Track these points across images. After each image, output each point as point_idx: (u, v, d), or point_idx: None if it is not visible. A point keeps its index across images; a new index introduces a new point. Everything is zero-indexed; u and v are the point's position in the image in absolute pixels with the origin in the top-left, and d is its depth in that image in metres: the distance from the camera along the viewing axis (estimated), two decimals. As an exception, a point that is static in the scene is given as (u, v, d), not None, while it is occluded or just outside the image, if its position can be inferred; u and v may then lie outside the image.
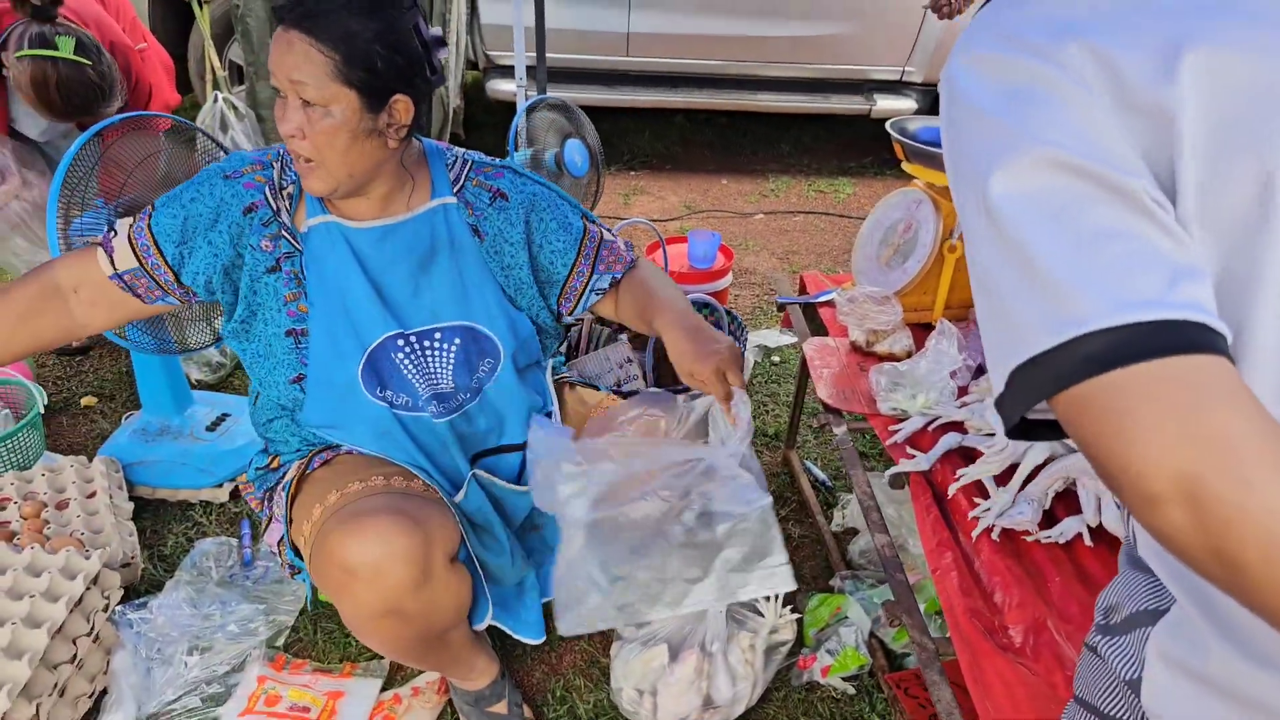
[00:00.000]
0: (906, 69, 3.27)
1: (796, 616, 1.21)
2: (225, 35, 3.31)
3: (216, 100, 2.84)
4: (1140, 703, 0.50)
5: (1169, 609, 0.49)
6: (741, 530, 0.89)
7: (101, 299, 1.03)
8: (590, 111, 2.36)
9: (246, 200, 1.01)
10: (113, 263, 1.01)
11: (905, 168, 1.34)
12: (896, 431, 1.13)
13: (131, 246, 1.00)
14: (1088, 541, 0.93)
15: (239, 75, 3.42)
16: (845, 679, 1.23)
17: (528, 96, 2.30)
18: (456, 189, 1.08)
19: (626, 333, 1.63)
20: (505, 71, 3.29)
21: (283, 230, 1.02)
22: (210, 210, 1.00)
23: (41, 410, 1.65)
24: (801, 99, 3.33)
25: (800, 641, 1.29)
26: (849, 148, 3.87)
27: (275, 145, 1.06)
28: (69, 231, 1.41)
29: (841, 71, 3.30)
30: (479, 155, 1.13)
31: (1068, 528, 0.94)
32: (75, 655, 1.19)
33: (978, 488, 1.01)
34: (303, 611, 1.38)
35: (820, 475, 1.73)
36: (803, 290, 1.59)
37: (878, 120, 3.38)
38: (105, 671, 1.24)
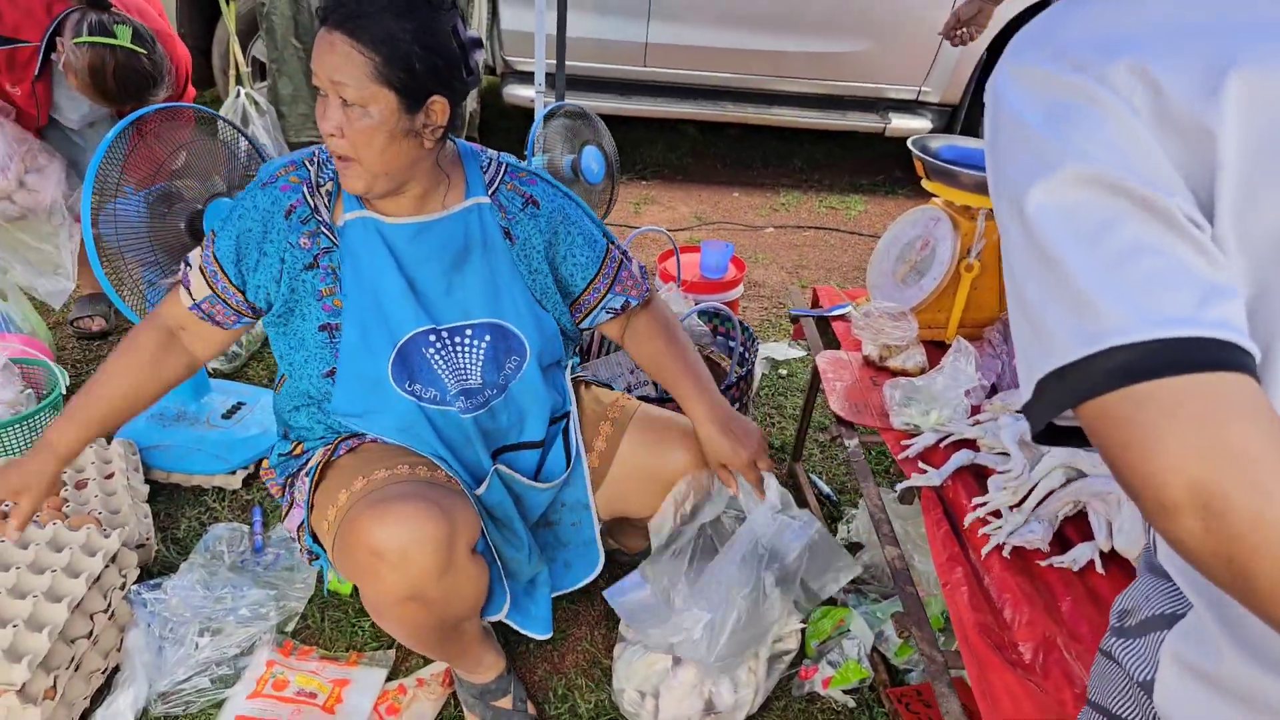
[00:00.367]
0: (923, 89, 3.28)
1: (801, 626, 1.22)
2: (250, 32, 3.34)
3: (239, 95, 2.86)
4: (1152, 704, 0.50)
5: (1185, 614, 0.50)
6: (808, 554, 1.05)
7: (195, 331, 1.08)
8: (605, 120, 2.39)
9: (285, 203, 1.02)
10: (190, 294, 1.05)
11: (925, 185, 1.35)
12: (909, 446, 1.14)
13: (203, 275, 1.04)
14: (1099, 569, 0.94)
15: (262, 71, 3.46)
16: (846, 691, 1.23)
17: (546, 103, 2.33)
18: (491, 190, 1.10)
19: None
20: (522, 77, 3.31)
21: (321, 226, 1.03)
22: (258, 224, 1.01)
23: (64, 391, 1.67)
24: (816, 115, 3.34)
25: (803, 652, 1.30)
26: (861, 165, 3.89)
27: (309, 147, 1.08)
28: (100, 216, 1.44)
29: (857, 89, 3.32)
30: (512, 159, 1.15)
31: (1080, 554, 0.94)
32: (92, 631, 1.20)
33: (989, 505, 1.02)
34: (312, 599, 1.39)
35: (825, 489, 1.73)
36: (815, 303, 1.61)
37: (891, 139, 3.40)
38: (119, 649, 1.26)
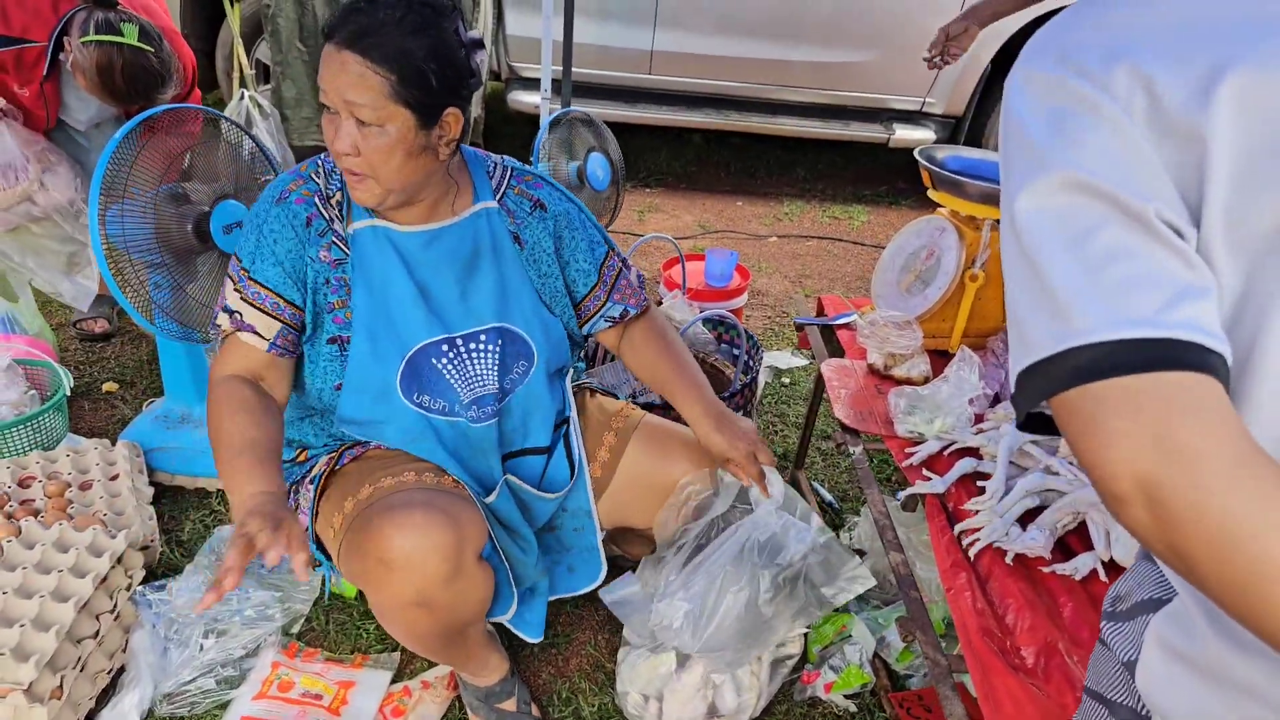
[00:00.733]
0: (927, 100, 3.31)
1: (804, 631, 1.23)
2: (254, 34, 3.37)
3: (243, 98, 2.88)
4: (1135, 683, 0.52)
5: (1171, 599, 0.52)
6: (815, 557, 1.04)
7: (278, 372, 1.03)
8: (610, 127, 2.41)
9: (303, 215, 1.01)
10: (261, 335, 1.00)
11: (931, 195, 1.37)
12: (913, 454, 1.16)
13: (266, 313, 1.00)
14: (1103, 577, 0.95)
15: (265, 74, 3.48)
16: (848, 696, 1.24)
17: (551, 110, 2.35)
18: (498, 195, 1.11)
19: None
20: (528, 83, 3.34)
21: (334, 238, 1.02)
22: (292, 240, 1.00)
23: (68, 393, 1.67)
24: (821, 125, 3.36)
25: (805, 657, 1.31)
26: (865, 175, 3.92)
27: (310, 159, 1.06)
28: (107, 217, 1.45)
29: (861, 99, 3.35)
30: (516, 163, 1.15)
31: (1083, 563, 0.95)
32: (98, 631, 1.20)
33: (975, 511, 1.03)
34: (316, 602, 1.40)
35: (828, 497, 1.74)
36: (820, 312, 1.62)
37: (895, 149, 3.43)
38: (124, 649, 1.26)
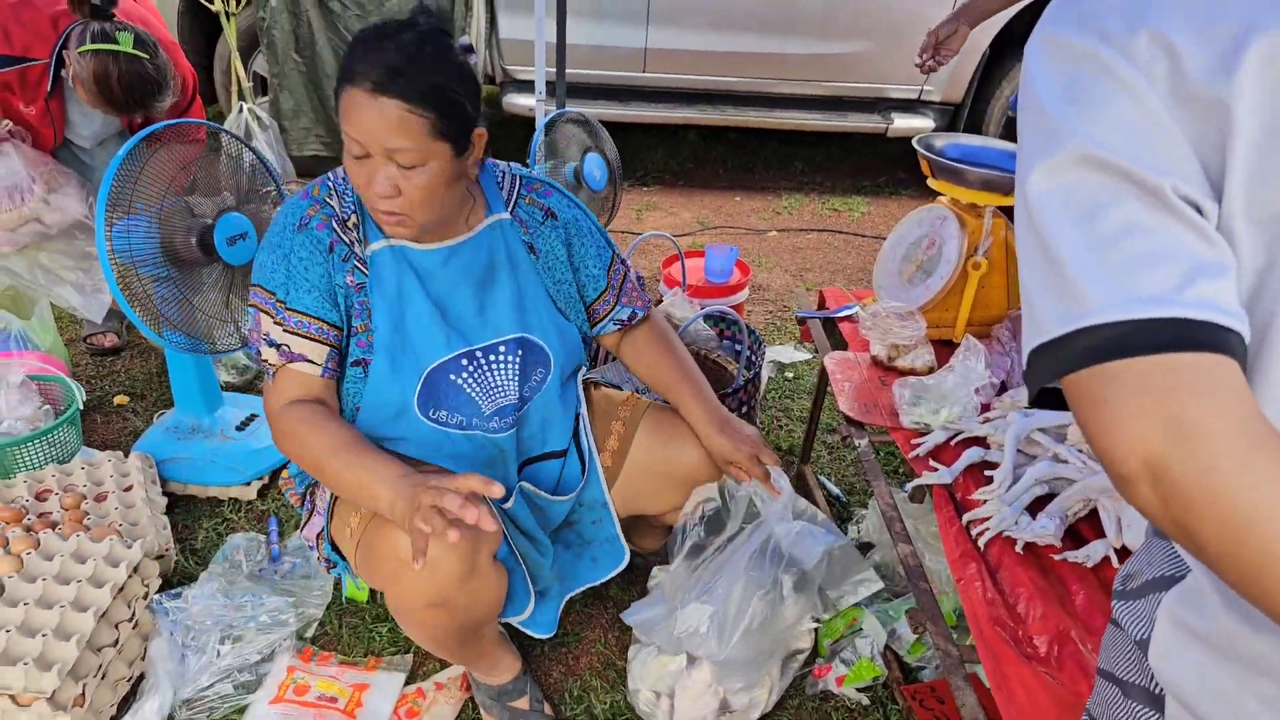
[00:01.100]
0: (925, 88, 3.29)
1: (814, 626, 1.23)
2: (251, 47, 3.39)
3: (241, 111, 2.91)
4: (1148, 662, 0.52)
5: (1184, 576, 0.51)
6: (828, 561, 1.07)
7: (330, 396, 1.03)
8: (605, 127, 2.41)
9: (325, 240, 1.00)
10: (314, 363, 1.00)
11: (931, 184, 1.37)
12: (919, 445, 1.15)
13: (312, 339, 0.99)
14: (1115, 564, 0.94)
15: (263, 86, 3.50)
16: (860, 689, 1.24)
17: (547, 111, 2.35)
18: (510, 206, 1.11)
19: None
20: (522, 86, 3.34)
21: (356, 261, 1.02)
22: (322, 265, 0.99)
23: (80, 407, 1.69)
24: (818, 116, 3.35)
25: (816, 651, 1.31)
26: (864, 167, 3.91)
27: (317, 181, 1.05)
28: (113, 232, 1.46)
29: (859, 90, 3.34)
30: (523, 169, 1.15)
31: (1094, 551, 0.94)
32: (117, 640, 1.22)
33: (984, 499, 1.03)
34: (329, 606, 1.41)
35: (834, 490, 1.74)
36: (822, 305, 1.62)
37: (894, 139, 3.41)
38: (143, 657, 1.27)
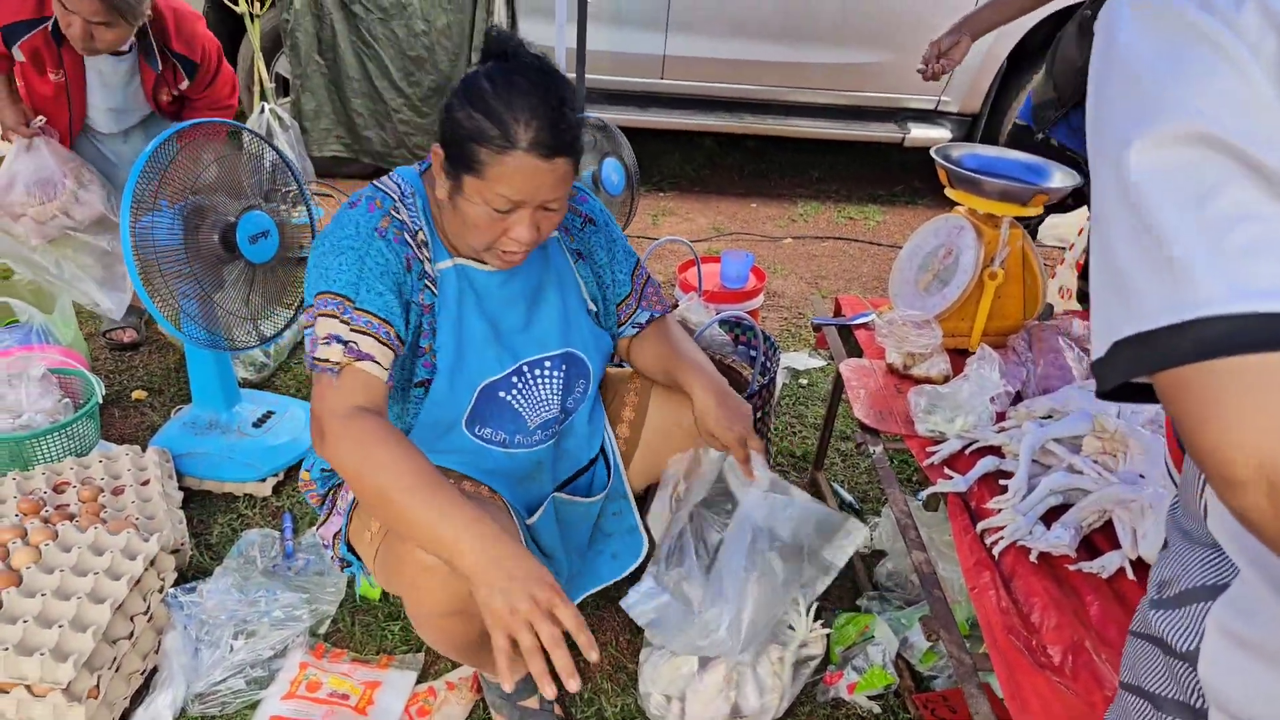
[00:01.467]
0: (942, 99, 3.31)
1: (826, 631, 1.24)
2: (274, 48, 3.46)
3: (263, 111, 2.96)
4: (1195, 675, 0.50)
5: (1229, 584, 0.49)
6: (807, 527, 1.08)
7: (386, 406, 0.99)
8: (623, 132, 2.44)
9: (403, 255, 1.00)
10: (382, 365, 0.96)
11: (948, 193, 1.38)
12: (934, 453, 1.16)
13: (380, 341, 0.96)
14: (1130, 575, 0.95)
15: (285, 87, 3.57)
16: (871, 697, 1.25)
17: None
18: None
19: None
20: (543, 90, 3.39)
21: (428, 281, 1.02)
22: (400, 277, 0.99)
23: (100, 400, 1.73)
24: (835, 125, 3.38)
25: (827, 658, 1.31)
26: (879, 176, 3.92)
27: (376, 193, 1.02)
28: (137, 229, 1.50)
29: (876, 99, 3.36)
30: None
31: (1110, 561, 0.95)
32: (132, 632, 1.24)
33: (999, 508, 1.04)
34: (342, 604, 1.43)
35: (847, 497, 1.75)
36: (838, 312, 1.63)
37: (910, 149, 3.43)
38: (156, 650, 1.29)
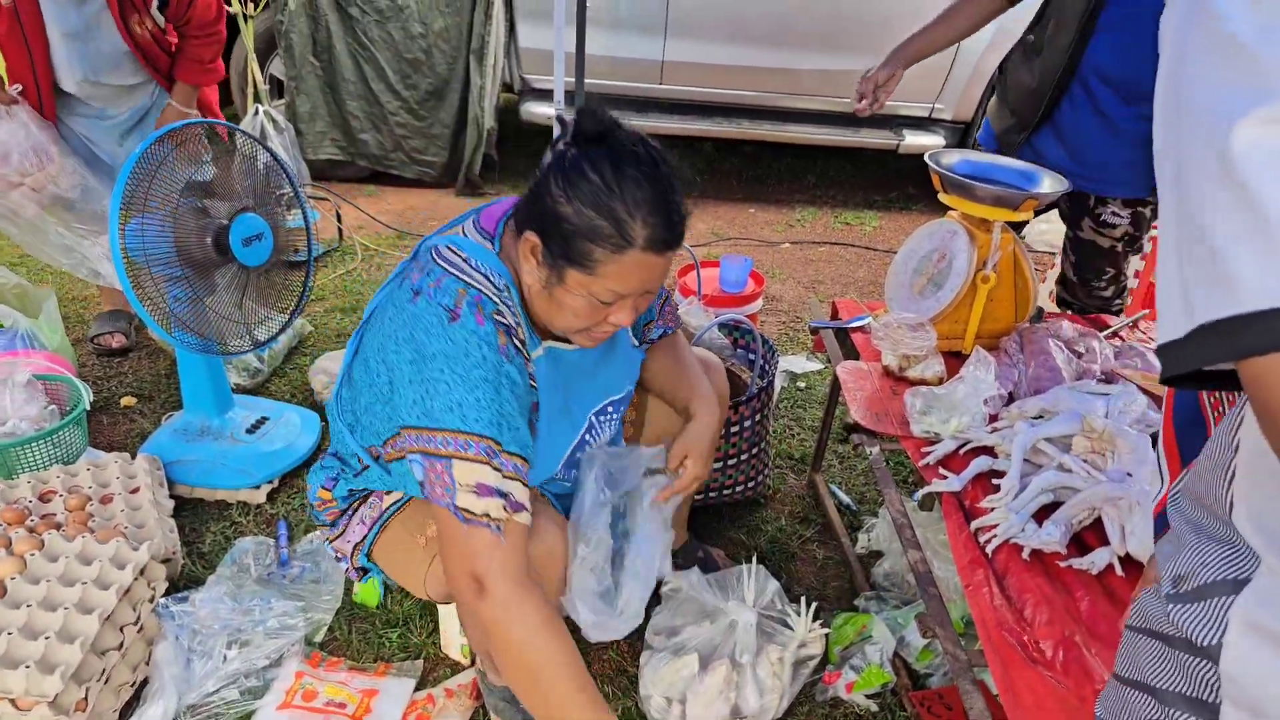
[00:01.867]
0: (936, 106, 3.39)
1: (825, 631, 1.27)
2: (268, 50, 3.50)
3: (257, 113, 2.99)
4: (1213, 669, 0.51)
5: (1251, 577, 0.50)
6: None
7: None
8: (624, 137, 2.48)
9: (522, 364, 0.98)
10: (528, 510, 0.95)
11: (942, 198, 1.42)
12: (929, 453, 1.20)
13: (522, 483, 0.95)
14: (1119, 571, 0.99)
15: (279, 89, 3.60)
16: (869, 696, 1.28)
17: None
18: None
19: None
20: (540, 95, 3.44)
21: (530, 378, 1.01)
22: (527, 392, 0.98)
23: (87, 407, 1.73)
24: (831, 132, 3.45)
25: (825, 658, 1.34)
26: (875, 182, 3.98)
27: (474, 289, 0.95)
28: (127, 230, 1.52)
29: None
30: None
31: (1099, 558, 0.99)
32: (122, 643, 1.24)
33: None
34: (339, 612, 1.45)
35: (845, 499, 1.78)
36: (835, 315, 1.67)
37: (905, 155, 3.50)
38: (147, 662, 1.30)
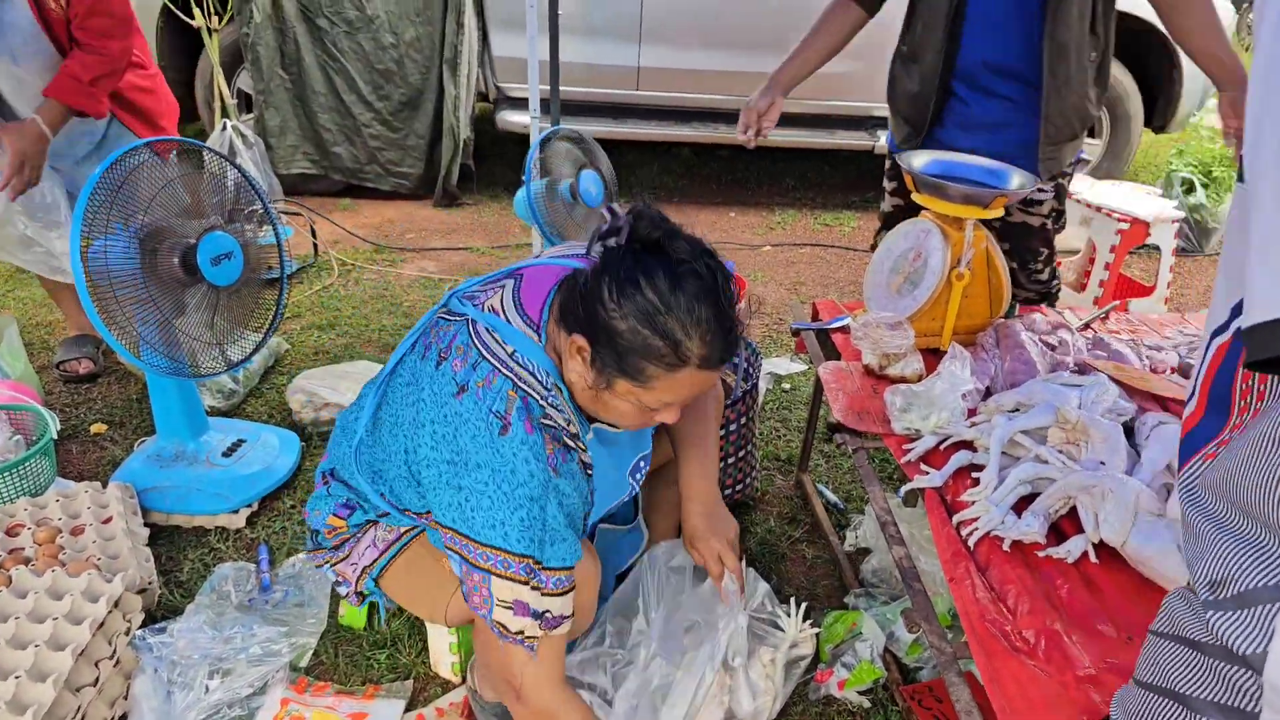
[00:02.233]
0: (910, 105, 3.47)
1: (816, 631, 1.30)
2: (234, 63, 3.49)
3: (225, 128, 2.99)
4: (1252, 677, 0.51)
5: None
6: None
7: None
8: (599, 144, 2.52)
9: (576, 463, 1.00)
10: (568, 617, 0.99)
11: (915, 198, 1.47)
12: (910, 450, 1.23)
13: (565, 593, 0.97)
14: (1093, 558, 1.03)
15: (248, 103, 3.60)
16: (861, 692, 1.30)
17: (541, 129, 2.46)
18: None
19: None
20: (516, 103, 3.47)
21: (585, 469, 1.03)
22: (581, 492, 0.99)
23: (54, 436, 1.71)
24: (807, 134, 3.51)
25: (817, 657, 1.37)
26: (852, 182, 4.06)
27: (522, 389, 0.95)
28: (90, 253, 1.51)
29: (847, 108, 3.50)
30: None
31: (1075, 546, 1.03)
32: (98, 679, 1.22)
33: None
34: (324, 635, 1.45)
35: (832, 498, 1.82)
36: (816, 316, 1.71)
37: (880, 156, 3.56)
38: (125, 696, 1.28)
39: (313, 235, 3.00)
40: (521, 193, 2.18)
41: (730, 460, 1.66)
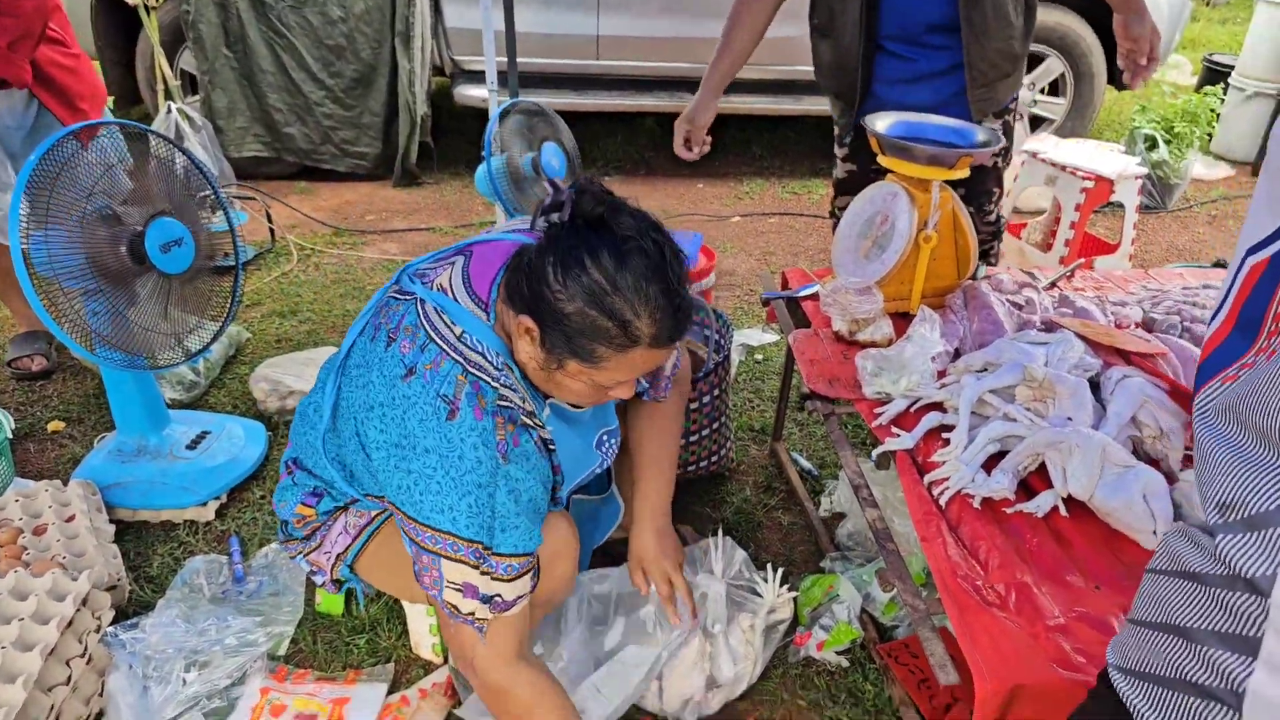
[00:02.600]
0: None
1: (793, 595, 1.32)
2: (176, 42, 3.34)
3: (170, 111, 2.87)
4: (1258, 601, 0.51)
5: None
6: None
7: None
8: (561, 116, 2.47)
9: (531, 445, 0.98)
10: (524, 597, 0.98)
11: (881, 161, 1.47)
12: (881, 414, 1.25)
13: (520, 576, 0.96)
14: (1063, 512, 1.05)
15: (192, 84, 3.45)
16: (839, 653, 1.34)
17: (500, 102, 2.40)
18: None
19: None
20: (473, 77, 3.38)
21: (546, 445, 1.02)
22: (537, 473, 0.98)
23: (9, 435, 1.67)
24: (771, 100, 3.49)
25: (796, 620, 1.39)
26: (819, 150, 4.04)
27: (474, 375, 0.94)
28: (30, 244, 1.45)
29: (810, 73, 3.46)
30: None
31: (1044, 501, 1.06)
32: (70, 677, 1.22)
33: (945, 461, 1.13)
34: (301, 623, 1.44)
35: (806, 465, 1.85)
36: (785, 285, 1.71)
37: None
38: (100, 694, 1.28)
39: (268, 220, 2.91)
40: (482, 169, 2.14)
41: (704, 433, 1.67)
